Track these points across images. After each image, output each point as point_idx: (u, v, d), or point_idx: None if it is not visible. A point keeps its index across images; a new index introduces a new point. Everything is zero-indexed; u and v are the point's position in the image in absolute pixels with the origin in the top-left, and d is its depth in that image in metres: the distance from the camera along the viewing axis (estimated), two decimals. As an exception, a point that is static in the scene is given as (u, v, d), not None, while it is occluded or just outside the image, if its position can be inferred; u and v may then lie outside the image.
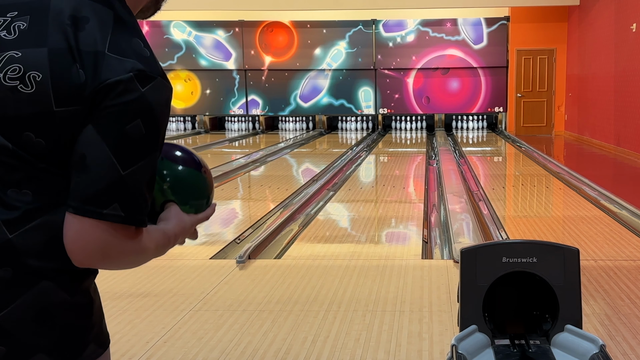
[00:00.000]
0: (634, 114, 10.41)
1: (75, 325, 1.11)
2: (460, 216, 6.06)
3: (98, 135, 1.02)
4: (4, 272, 1.03)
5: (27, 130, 1.04)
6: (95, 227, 1.03)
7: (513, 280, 2.37)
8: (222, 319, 3.40)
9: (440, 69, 15.52)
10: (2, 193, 1.04)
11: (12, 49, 1.05)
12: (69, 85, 1.03)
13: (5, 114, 1.04)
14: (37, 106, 1.03)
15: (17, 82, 1.04)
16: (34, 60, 1.04)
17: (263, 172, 9.66)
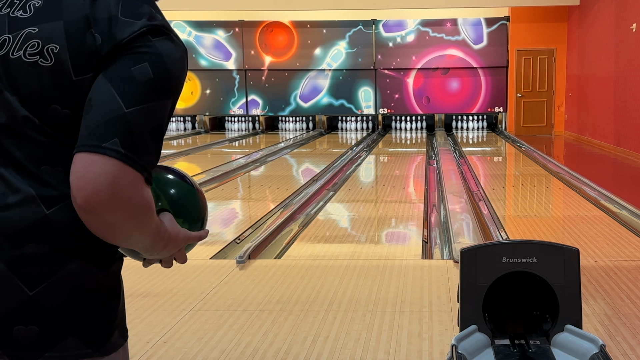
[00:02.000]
0: (634, 114, 10.41)
1: (105, 308, 1.12)
2: (460, 216, 6.06)
3: (105, 79, 1.04)
4: (40, 248, 1.05)
5: (53, 103, 1.06)
6: (98, 163, 1.01)
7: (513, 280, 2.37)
8: (222, 319, 3.40)
9: (440, 69, 15.52)
10: (37, 170, 1.06)
11: (29, 25, 1.08)
12: (86, 51, 1.05)
13: (30, 91, 1.06)
14: (57, 77, 1.06)
15: (37, 56, 1.07)
16: (50, 34, 1.07)
17: (263, 172, 9.66)
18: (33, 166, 1.07)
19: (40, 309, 1.05)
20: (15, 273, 1.05)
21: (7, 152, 1.07)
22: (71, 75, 1.06)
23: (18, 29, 1.09)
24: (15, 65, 1.08)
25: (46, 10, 1.09)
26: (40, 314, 1.05)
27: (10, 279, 1.05)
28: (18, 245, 1.05)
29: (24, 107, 1.07)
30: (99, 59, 1.05)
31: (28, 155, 1.07)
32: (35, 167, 1.07)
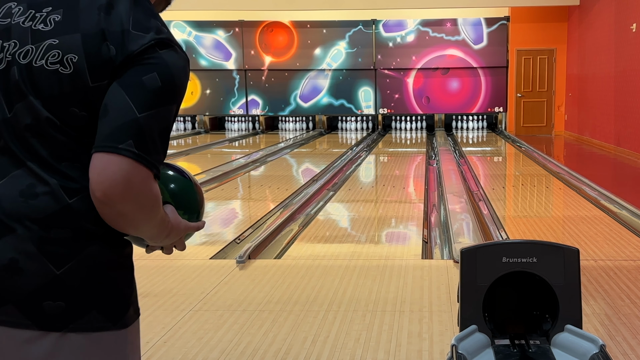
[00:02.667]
0: (634, 114, 10.41)
1: (121, 286, 1.28)
2: (460, 216, 6.06)
3: (119, 87, 1.18)
4: (64, 232, 1.19)
5: (72, 106, 1.19)
6: (115, 162, 1.15)
7: (513, 280, 2.37)
8: (222, 319, 3.40)
9: (440, 69, 15.52)
10: (59, 165, 1.20)
11: (50, 37, 1.21)
12: (101, 61, 1.19)
13: (51, 94, 1.19)
14: (76, 84, 1.19)
15: (57, 65, 1.20)
16: (70, 45, 1.20)
17: (263, 172, 9.66)
18: (55, 162, 1.20)
19: (66, 286, 1.19)
20: (44, 254, 1.18)
21: (33, 149, 1.20)
22: (88, 82, 1.19)
23: (40, 40, 1.21)
24: (38, 73, 1.20)
25: (65, 23, 1.22)
26: (66, 291, 1.19)
27: (40, 259, 1.18)
28: (45, 229, 1.19)
29: (46, 110, 1.19)
30: (113, 68, 1.18)
31: (51, 152, 1.20)
32: (57, 163, 1.20)
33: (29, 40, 1.22)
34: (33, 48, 1.21)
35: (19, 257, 1.18)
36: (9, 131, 1.21)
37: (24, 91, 1.20)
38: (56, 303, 1.18)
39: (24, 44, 1.22)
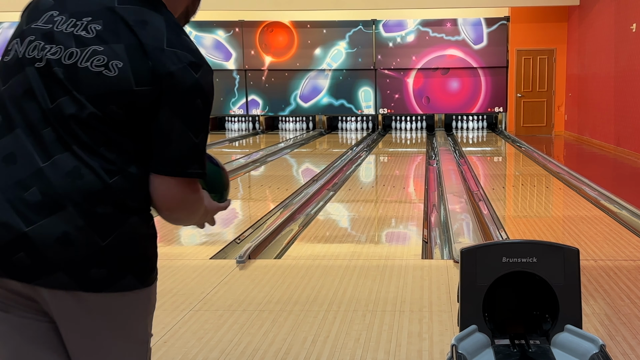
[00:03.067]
0: (634, 114, 10.41)
1: (150, 253, 1.47)
2: (460, 216, 6.06)
3: (174, 116, 1.38)
4: (107, 208, 1.36)
5: (111, 104, 1.36)
6: (180, 183, 1.42)
7: (513, 280, 2.37)
8: (222, 319, 3.40)
9: (440, 69, 15.52)
10: (99, 150, 1.36)
11: (94, 44, 1.38)
12: (143, 71, 1.37)
13: (96, 92, 1.36)
14: (120, 86, 1.36)
15: (102, 68, 1.36)
16: (115, 52, 1.37)
17: (263, 172, 9.66)
18: (96, 146, 1.36)
19: (109, 255, 1.37)
20: (92, 228, 1.35)
21: (76, 135, 1.36)
22: (132, 86, 1.36)
23: (84, 45, 1.38)
24: (83, 72, 1.37)
25: (106, 33, 1.39)
26: (109, 259, 1.37)
27: (88, 232, 1.35)
28: (92, 206, 1.35)
29: (89, 104, 1.36)
30: (154, 77, 1.37)
31: (92, 139, 1.36)
32: (97, 147, 1.36)
33: (73, 44, 1.38)
34: (78, 51, 1.38)
35: (71, 230, 1.33)
36: (54, 119, 1.36)
37: (68, 88, 1.37)
38: (100, 270, 1.36)
39: (68, 47, 1.38)
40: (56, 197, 1.34)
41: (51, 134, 1.36)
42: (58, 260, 1.33)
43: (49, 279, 1.34)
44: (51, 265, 1.34)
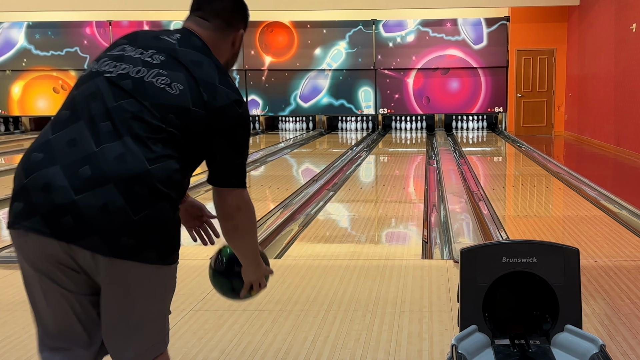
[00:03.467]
0: (634, 114, 10.41)
1: (172, 235, 1.74)
2: (460, 216, 6.06)
3: (224, 143, 1.81)
4: (143, 189, 1.65)
5: (170, 113, 1.73)
6: (236, 193, 1.85)
7: (513, 280, 2.37)
8: (222, 319, 3.40)
9: (440, 69, 15.52)
10: (147, 141, 1.69)
11: (158, 68, 1.78)
12: (198, 99, 1.77)
13: (159, 102, 1.73)
14: (180, 102, 1.75)
15: (166, 86, 1.75)
16: (177, 77, 1.77)
17: (263, 172, 9.66)
18: (145, 139, 1.69)
19: (138, 228, 1.65)
20: (127, 203, 1.64)
21: (131, 128, 1.69)
22: (190, 105, 1.75)
23: (150, 67, 1.78)
24: (148, 85, 1.75)
25: (168, 63, 1.79)
26: (138, 232, 1.65)
27: (124, 206, 1.64)
28: (130, 186, 1.65)
29: (152, 108, 1.72)
30: (206, 107, 1.77)
31: (143, 131, 1.69)
32: (146, 140, 1.69)
33: (140, 65, 1.78)
34: (145, 70, 1.77)
35: (110, 203, 1.63)
36: (114, 115, 1.71)
37: (133, 94, 1.73)
38: (129, 240, 1.64)
39: (136, 65, 1.78)
40: (102, 175, 1.64)
41: (108, 126, 1.70)
42: (96, 225, 1.62)
43: (86, 241, 1.63)
44: (90, 229, 1.63)
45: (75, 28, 16.04)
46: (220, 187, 1.84)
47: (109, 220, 1.63)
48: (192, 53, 1.82)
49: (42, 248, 1.68)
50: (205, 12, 1.94)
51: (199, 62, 1.81)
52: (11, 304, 3.71)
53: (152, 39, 1.85)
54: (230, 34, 1.97)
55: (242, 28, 2.00)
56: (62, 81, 16.29)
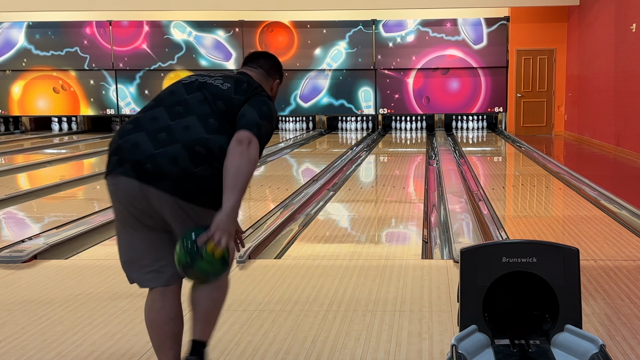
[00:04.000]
0: (634, 114, 10.41)
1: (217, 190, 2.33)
2: (460, 216, 6.06)
3: (250, 106, 2.46)
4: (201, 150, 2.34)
5: (220, 100, 2.46)
6: (253, 137, 2.36)
7: (513, 280, 2.37)
8: (222, 319, 3.39)
9: (440, 69, 15.51)
10: (207, 119, 2.40)
11: (217, 78, 2.55)
12: (239, 91, 2.51)
13: (214, 93, 2.47)
14: (226, 93, 2.48)
15: (219, 84, 2.51)
16: (227, 81, 2.54)
17: (263, 172, 9.66)
18: (205, 116, 2.40)
19: (197, 178, 2.31)
20: (190, 158, 2.31)
21: (195, 110, 2.42)
22: (232, 94, 2.48)
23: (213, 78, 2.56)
24: (209, 84, 2.51)
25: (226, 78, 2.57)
26: (197, 181, 2.31)
27: (187, 160, 2.31)
28: (193, 146, 2.33)
29: (210, 97, 2.46)
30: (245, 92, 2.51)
31: (205, 113, 2.41)
32: (206, 118, 2.40)
33: (207, 79, 2.54)
34: (209, 77, 2.55)
35: (177, 157, 2.31)
36: (185, 101, 2.45)
37: (199, 89, 2.49)
38: (190, 186, 2.31)
39: (204, 79, 2.55)
40: (174, 138, 2.34)
41: (180, 109, 2.43)
42: (168, 172, 2.30)
43: (161, 183, 2.30)
44: (163, 175, 2.30)
45: (75, 28, 16.04)
46: (244, 129, 2.36)
47: (177, 169, 2.30)
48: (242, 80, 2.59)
49: (129, 189, 2.33)
50: (253, 64, 2.73)
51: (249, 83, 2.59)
52: (11, 304, 3.71)
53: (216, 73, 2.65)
54: (270, 81, 2.73)
55: (278, 79, 2.77)
56: (62, 81, 16.29)
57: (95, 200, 7.17)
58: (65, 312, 3.56)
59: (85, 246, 5.06)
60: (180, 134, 2.34)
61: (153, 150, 2.31)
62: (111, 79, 16.15)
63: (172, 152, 2.30)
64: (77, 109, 16.45)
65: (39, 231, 5.56)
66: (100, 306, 3.63)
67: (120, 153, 2.35)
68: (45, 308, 3.62)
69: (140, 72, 16.04)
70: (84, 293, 3.87)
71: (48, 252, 4.72)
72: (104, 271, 4.30)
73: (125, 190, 2.34)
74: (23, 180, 9.09)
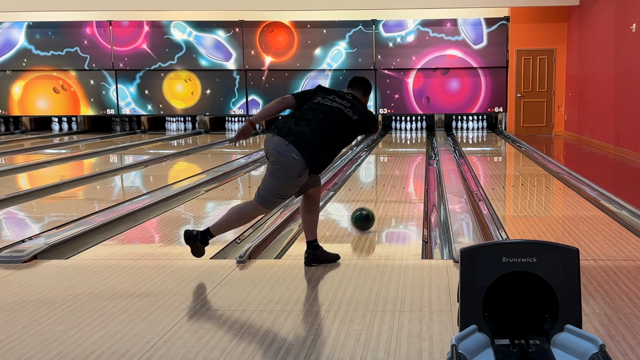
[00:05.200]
0: (634, 114, 10.41)
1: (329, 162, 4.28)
2: (460, 216, 6.06)
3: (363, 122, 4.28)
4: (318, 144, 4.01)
5: (342, 125, 4.17)
6: None
7: (513, 280, 2.37)
8: (222, 319, 3.40)
9: (440, 69, 15.52)
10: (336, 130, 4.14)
11: (345, 108, 4.22)
12: (357, 116, 4.22)
13: (338, 117, 4.16)
14: (348, 118, 4.17)
15: (347, 113, 4.19)
16: (354, 111, 4.21)
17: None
18: (331, 128, 4.09)
19: (325, 162, 4.18)
20: (316, 143, 3.99)
21: (326, 122, 4.08)
22: (352, 118, 4.18)
23: (341, 102, 4.22)
24: (337, 110, 4.16)
25: (350, 106, 4.21)
26: (324, 162, 4.18)
27: (316, 145, 3.98)
28: (321, 141, 4.01)
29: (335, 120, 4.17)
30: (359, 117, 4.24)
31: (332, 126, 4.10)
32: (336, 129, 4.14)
33: (336, 102, 4.19)
34: (340, 104, 4.19)
35: (312, 141, 3.95)
36: (326, 117, 4.08)
37: (335, 112, 4.13)
38: (320, 165, 4.10)
39: (333, 102, 4.19)
40: (309, 133, 3.95)
41: (315, 121, 4.01)
42: (310, 151, 3.93)
43: (304, 153, 3.91)
44: (307, 150, 3.92)
45: (75, 28, 16.04)
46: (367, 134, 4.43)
47: (315, 152, 3.95)
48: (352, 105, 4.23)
49: (286, 151, 3.90)
50: (354, 89, 4.41)
51: (360, 109, 4.25)
52: (11, 304, 3.71)
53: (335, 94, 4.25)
54: (364, 98, 4.40)
55: (368, 95, 4.44)
56: (62, 81, 16.30)
57: (95, 200, 7.16)
58: (65, 312, 3.56)
59: (85, 246, 5.06)
60: (312, 132, 4.02)
61: (310, 137, 4.03)
62: (111, 79, 16.16)
63: (317, 141, 4.02)
64: (77, 109, 16.46)
65: (39, 231, 5.56)
66: (100, 306, 3.63)
67: (291, 131, 4.02)
68: (45, 308, 3.62)
69: (141, 72, 16.04)
70: (84, 293, 3.87)
71: (48, 252, 4.72)
72: (104, 271, 4.30)
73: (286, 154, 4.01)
74: (23, 180, 9.09)
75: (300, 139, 3.92)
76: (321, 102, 4.12)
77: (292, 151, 3.90)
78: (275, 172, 4.01)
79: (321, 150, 4.00)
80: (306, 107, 4.14)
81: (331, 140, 4.05)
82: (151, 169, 10.13)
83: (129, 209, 6.33)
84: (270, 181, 4.02)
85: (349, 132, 4.15)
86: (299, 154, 3.90)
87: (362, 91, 4.37)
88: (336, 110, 4.07)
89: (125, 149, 12.92)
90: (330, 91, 4.21)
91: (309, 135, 3.94)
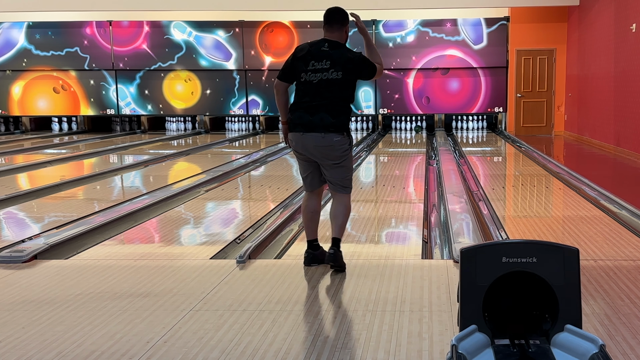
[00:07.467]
0: (634, 114, 10.41)
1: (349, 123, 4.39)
2: (460, 216, 6.06)
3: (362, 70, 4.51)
4: (336, 122, 4.24)
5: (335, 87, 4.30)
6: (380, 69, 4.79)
7: (513, 280, 2.37)
8: (222, 319, 3.40)
9: (440, 69, 15.52)
10: (336, 96, 4.31)
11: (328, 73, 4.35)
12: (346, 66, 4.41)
13: (333, 85, 4.27)
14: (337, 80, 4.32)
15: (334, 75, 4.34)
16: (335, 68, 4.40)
17: (263, 172, 9.66)
18: (334, 97, 4.31)
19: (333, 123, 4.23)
20: (332, 116, 4.22)
21: (330, 92, 4.29)
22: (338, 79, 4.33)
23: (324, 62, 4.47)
24: (328, 82, 4.30)
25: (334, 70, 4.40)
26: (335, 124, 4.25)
27: (329, 119, 4.21)
28: (332, 106, 4.25)
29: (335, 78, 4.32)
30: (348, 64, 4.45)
31: (334, 94, 4.30)
32: (336, 97, 4.30)
33: (318, 72, 4.34)
34: (322, 72, 4.33)
35: (325, 117, 4.19)
36: (320, 90, 4.28)
37: (323, 86, 4.26)
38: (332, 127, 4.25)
39: (315, 73, 4.32)
40: (327, 115, 4.19)
41: (318, 103, 4.21)
42: (335, 125, 4.21)
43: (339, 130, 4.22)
44: (336, 128, 4.20)
45: (75, 28, 16.04)
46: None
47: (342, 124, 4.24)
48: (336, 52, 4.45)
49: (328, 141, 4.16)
50: (331, 29, 4.65)
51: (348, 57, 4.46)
52: (11, 304, 3.71)
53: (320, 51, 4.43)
54: (342, 30, 4.62)
55: (346, 25, 4.61)
56: (62, 81, 16.30)
57: (95, 200, 7.16)
58: (65, 312, 3.56)
59: (85, 246, 5.06)
60: (323, 109, 4.26)
61: (323, 117, 4.30)
62: (111, 79, 16.16)
63: (322, 113, 4.25)
64: (77, 109, 16.46)
65: (39, 231, 5.56)
66: (100, 306, 3.63)
67: (303, 122, 4.27)
68: (45, 308, 3.62)
69: (141, 72, 16.04)
70: (84, 293, 3.87)
71: (48, 252, 4.72)
72: (104, 271, 4.30)
73: (303, 143, 4.29)
74: (23, 180, 9.09)
75: (326, 125, 4.18)
76: (308, 81, 4.23)
77: (332, 137, 4.17)
78: (347, 159, 4.29)
79: (342, 117, 4.25)
80: (301, 92, 4.28)
81: (339, 106, 4.25)
82: (151, 169, 10.13)
83: (129, 209, 6.33)
84: (348, 168, 4.31)
85: (345, 90, 4.28)
86: (336, 134, 4.19)
87: (339, 24, 4.61)
88: (323, 84, 4.21)
89: (125, 149, 12.93)
90: (307, 58, 4.31)
91: (328, 117, 4.18)
